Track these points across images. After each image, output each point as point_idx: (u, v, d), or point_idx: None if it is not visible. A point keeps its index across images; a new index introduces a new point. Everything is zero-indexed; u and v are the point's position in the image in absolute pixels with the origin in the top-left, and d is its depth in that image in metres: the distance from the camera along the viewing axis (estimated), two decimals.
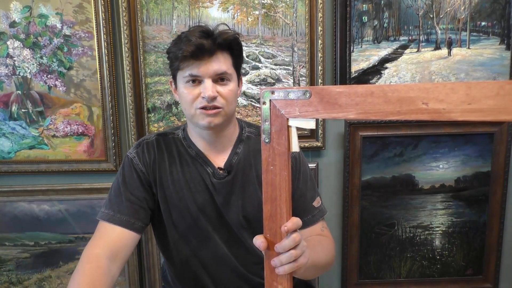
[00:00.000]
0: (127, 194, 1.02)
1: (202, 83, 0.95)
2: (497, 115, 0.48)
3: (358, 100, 0.60)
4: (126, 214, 0.99)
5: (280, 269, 0.71)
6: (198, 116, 0.97)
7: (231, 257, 1.07)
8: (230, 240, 1.07)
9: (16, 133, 1.63)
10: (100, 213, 1.01)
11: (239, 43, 1.00)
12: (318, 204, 1.09)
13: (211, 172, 1.04)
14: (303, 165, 1.11)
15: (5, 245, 1.70)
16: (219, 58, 0.95)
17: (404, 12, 1.59)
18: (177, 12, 1.57)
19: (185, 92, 0.97)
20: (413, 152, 1.67)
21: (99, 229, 0.99)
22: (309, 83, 1.61)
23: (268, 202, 0.71)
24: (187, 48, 0.91)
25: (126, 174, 1.05)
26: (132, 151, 1.07)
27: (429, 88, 0.54)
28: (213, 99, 0.94)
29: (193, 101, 0.96)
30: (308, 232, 1.05)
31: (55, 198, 1.67)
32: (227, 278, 1.09)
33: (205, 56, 0.93)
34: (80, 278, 0.87)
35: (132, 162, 1.05)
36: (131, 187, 1.03)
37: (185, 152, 1.06)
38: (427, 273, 1.77)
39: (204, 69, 0.94)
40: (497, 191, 1.70)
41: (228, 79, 0.97)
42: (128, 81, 1.58)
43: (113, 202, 1.01)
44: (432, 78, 1.62)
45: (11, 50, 1.56)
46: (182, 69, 0.95)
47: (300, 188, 1.08)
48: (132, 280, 1.72)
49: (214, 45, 0.93)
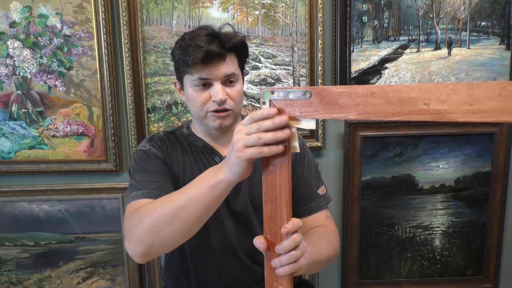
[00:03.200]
0: (152, 173, 0.99)
1: (212, 87, 0.96)
2: (499, 116, 0.48)
3: (359, 101, 0.59)
4: (156, 189, 0.95)
5: (280, 270, 0.71)
6: (209, 119, 0.99)
7: (238, 248, 1.07)
8: (238, 229, 1.07)
9: (16, 133, 1.62)
10: (129, 198, 0.95)
11: (246, 45, 1.02)
12: (323, 192, 1.10)
13: (219, 161, 1.05)
14: (307, 153, 1.12)
15: (5, 245, 1.70)
16: (227, 61, 0.96)
17: (404, 12, 1.59)
18: (177, 12, 1.57)
19: (194, 95, 0.98)
20: (413, 152, 1.67)
21: (131, 207, 0.93)
22: (309, 83, 1.61)
23: (268, 202, 0.71)
24: (196, 54, 0.92)
25: (145, 162, 1.02)
26: (145, 145, 1.06)
27: (430, 88, 0.53)
28: (224, 102, 0.96)
29: (204, 105, 0.98)
30: (313, 220, 1.06)
31: (55, 198, 1.67)
32: (231, 270, 1.08)
33: (215, 60, 0.94)
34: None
35: (149, 152, 1.04)
36: (153, 168, 1.00)
37: (193, 145, 1.08)
38: (427, 273, 1.77)
39: (214, 73, 0.95)
40: (497, 191, 1.70)
41: (235, 80, 0.99)
42: (128, 81, 1.58)
43: (140, 184, 0.97)
44: (432, 78, 1.62)
45: (11, 50, 1.56)
46: (190, 73, 0.96)
47: (305, 175, 1.09)
48: (132, 280, 1.72)
49: (223, 50, 0.94)
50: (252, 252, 1.07)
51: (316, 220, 1.06)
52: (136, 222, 0.83)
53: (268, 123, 0.66)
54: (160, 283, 1.72)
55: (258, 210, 1.06)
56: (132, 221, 0.85)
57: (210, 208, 0.77)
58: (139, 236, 0.81)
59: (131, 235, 0.84)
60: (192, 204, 0.76)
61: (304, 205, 1.07)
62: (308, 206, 1.07)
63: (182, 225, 0.78)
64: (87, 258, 1.71)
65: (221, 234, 1.06)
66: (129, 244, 0.85)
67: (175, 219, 0.77)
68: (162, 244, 0.82)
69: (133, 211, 0.88)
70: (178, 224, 0.78)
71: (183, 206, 0.77)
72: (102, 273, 1.73)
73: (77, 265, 1.72)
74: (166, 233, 0.79)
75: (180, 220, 0.77)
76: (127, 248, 0.85)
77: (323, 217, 1.08)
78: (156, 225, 0.79)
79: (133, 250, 0.84)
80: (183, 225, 0.78)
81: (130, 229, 0.85)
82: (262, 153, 0.67)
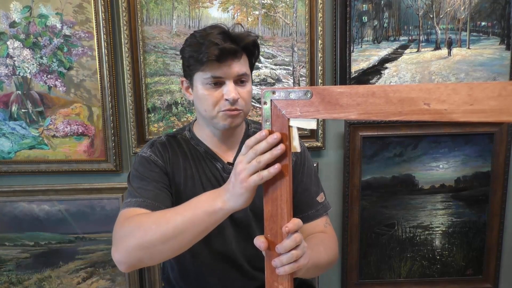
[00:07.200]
0: (149, 181, 0.99)
1: (224, 85, 0.95)
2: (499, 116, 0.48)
3: (360, 101, 0.59)
4: (151, 198, 0.95)
5: (280, 270, 0.71)
6: (219, 118, 0.97)
7: (238, 254, 1.07)
8: (238, 236, 1.07)
9: (16, 133, 1.62)
10: (124, 204, 0.96)
11: (258, 45, 1.01)
12: (322, 200, 1.10)
13: (221, 167, 1.05)
14: (307, 160, 1.12)
15: (5, 245, 1.70)
16: (240, 61, 0.96)
17: (404, 12, 1.59)
18: (177, 12, 1.57)
19: (205, 94, 0.97)
20: (413, 152, 1.67)
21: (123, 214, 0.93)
22: (309, 83, 1.61)
23: (269, 202, 0.71)
24: (211, 51, 0.91)
25: (144, 169, 1.02)
26: (146, 151, 1.05)
27: (431, 88, 0.53)
28: (236, 101, 0.95)
29: (215, 104, 0.96)
30: (311, 227, 1.06)
31: (55, 198, 1.67)
32: (232, 276, 1.08)
33: (229, 58, 0.93)
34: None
35: (149, 159, 1.03)
36: (151, 176, 1.00)
37: (195, 150, 1.07)
38: (427, 273, 1.77)
39: (227, 71, 0.94)
40: (497, 191, 1.70)
41: (246, 80, 0.99)
42: (128, 81, 1.58)
43: (136, 191, 0.97)
44: (432, 78, 1.62)
45: (11, 50, 1.56)
46: (203, 71, 0.95)
47: (304, 181, 1.09)
48: (132, 280, 1.72)
49: (238, 48, 0.94)
50: (252, 258, 1.08)
51: (315, 227, 1.06)
52: (127, 233, 0.83)
53: (263, 145, 0.68)
54: (160, 283, 1.72)
55: (258, 217, 1.05)
56: (123, 230, 0.85)
57: (205, 231, 0.79)
58: (129, 248, 0.82)
59: (120, 245, 0.84)
60: (187, 227, 0.77)
61: (302, 212, 1.06)
62: (306, 213, 1.07)
63: (174, 245, 0.79)
64: (87, 258, 1.71)
65: (222, 241, 1.06)
66: (116, 252, 0.85)
67: (169, 240, 0.79)
68: (151, 259, 0.83)
69: (125, 219, 0.88)
70: (171, 244, 0.79)
71: (177, 228, 0.77)
72: (102, 273, 1.73)
73: (77, 265, 1.72)
74: (156, 250, 0.80)
75: (173, 241, 0.79)
76: (113, 255, 0.86)
77: (322, 223, 1.08)
78: (147, 242, 0.80)
79: (120, 259, 0.84)
80: (175, 245, 0.79)
81: (120, 238, 0.85)
82: (264, 178, 0.68)
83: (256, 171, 0.69)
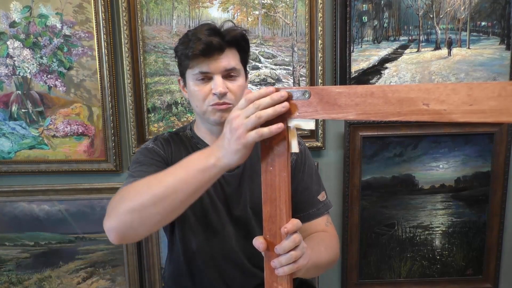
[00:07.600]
0: (150, 165, 0.98)
1: (212, 80, 0.96)
2: (498, 117, 0.48)
3: (358, 101, 0.59)
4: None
5: (279, 270, 0.71)
6: (209, 112, 0.98)
7: (238, 252, 1.07)
8: (238, 234, 1.07)
9: (16, 133, 1.62)
10: (122, 186, 0.93)
11: (246, 39, 1.02)
12: (323, 198, 1.10)
13: None
14: (308, 158, 1.12)
15: (5, 245, 1.70)
16: (228, 55, 0.96)
17: (404, 12, 1.59)
18: (177, 12, 1.57)
19: (195, 89, 0.98)
20: (413, 152, 1.67)
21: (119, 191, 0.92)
22: (309, 83, 1.61)
23: (268, 203, 0.70)
24: (196, 46, 0.92)
25: (145, 157, 1.01)
26: (150, 143, 1.06)
27: (430, 88, 0.53)
28: (224, 95, 0.96)
29: (205, 99, 0.97)
30: (312, 226, 1.06)
31: (55, 198, 1.66)
32: (232, 274, 1.08)
33: (215, 53, 0.94)
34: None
35: (151, 149, 1.04)
36: (152, 162, 1.00)
37: (196, 149, 1.07)
38: (427, 273, 1.77)
39: (213, 66, 0.95)
40: (497, 191, 1.70)
41: (237, 75, 0.99)
42: (128, 81, 1.58)
43: (135, 173, 0.95)
44: (432, 78, 1.62)
45: (11, 50, 1.56)
46: (191, 67, 0.97)
47: (305, 180, 1.09)
48: (132, 280, 1.72)
49: (223, 42, 0.95)
50: (252, 256, 1.08)
51: (316, 226, 1.06)
52: (119, 200, 0.80)
53: (266, 100, 0.65)
54: (160, 283, 1.72)
55: (258, 215, 1.05)
56: (115, 200, 0.82)
57: (197, 192, 0.74)
58: (119, 213, 0.78)
59: (112, 212, 0.80)
60: (179, 187, 0.73)
61: (303, 211, 1.06)
62: (307, 212, 1.07)
63: (166, 207, 0.75)
64: (87, 258, 1.71)
65: (222, 238, 1.06)
66: (107, 220, 0.81)
67: (160, 201, 0.74)
68: (142, 224, 0.78)
69: (118, 192, 0.85)
70: (162, 206, 0.74)
71: (169, 188, 0.73)
72: (102, 273, 1.73)
73: (77, 265, 1.72)
74: (147, 214, 0.76)
75: (165, 202, 0.74)
76: (104, 225, 0.81)
77: (323, 223, 1.08)
78: (138, 204, 0.76)
79: (110, 226, 0.80)
80: (167, 207, 0.75)
81: (112, 208, 0.82)
82: (263, 135, 0.65)
83: (255, 127, 0.65)
